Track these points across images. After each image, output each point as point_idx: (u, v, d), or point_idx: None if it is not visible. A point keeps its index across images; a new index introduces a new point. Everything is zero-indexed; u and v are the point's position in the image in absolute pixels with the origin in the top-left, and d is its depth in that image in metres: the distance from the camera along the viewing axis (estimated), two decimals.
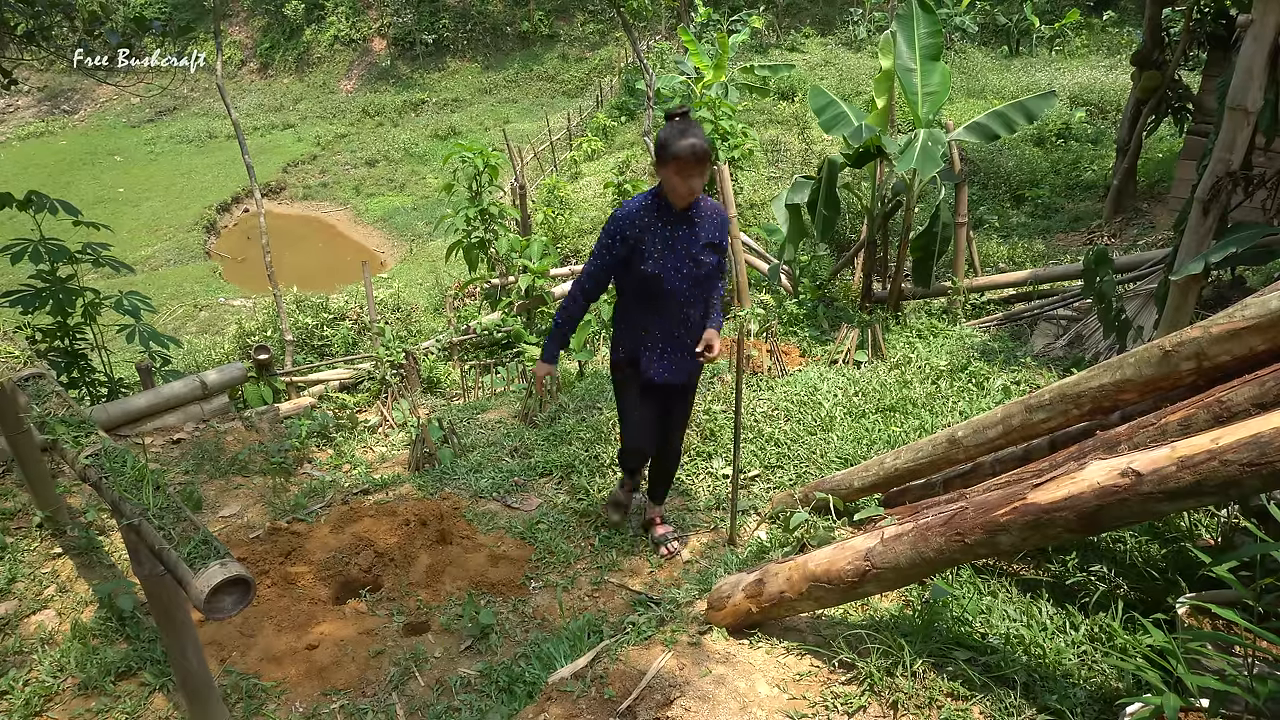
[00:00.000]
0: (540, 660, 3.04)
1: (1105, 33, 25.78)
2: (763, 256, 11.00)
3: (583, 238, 16.72)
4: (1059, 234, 11.45)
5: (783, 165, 17.66)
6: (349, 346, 10.29)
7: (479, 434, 5.88)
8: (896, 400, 5.03)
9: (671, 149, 2.94)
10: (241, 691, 3.07)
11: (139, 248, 23.06)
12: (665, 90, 20.06)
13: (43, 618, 3.44)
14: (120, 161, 30.38)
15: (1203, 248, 4.08)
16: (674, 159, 2.95)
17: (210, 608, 2.02)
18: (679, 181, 2.97)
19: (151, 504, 2.30)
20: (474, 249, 10.02)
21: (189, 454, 5.10)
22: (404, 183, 27.77)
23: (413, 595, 3.71)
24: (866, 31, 28.10)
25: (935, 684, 2.34)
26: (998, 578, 3.13)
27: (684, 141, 2.90)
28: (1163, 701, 1.82)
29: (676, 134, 2.94)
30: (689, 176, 2.95)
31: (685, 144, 2.89)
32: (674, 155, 2.94)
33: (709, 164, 2.91)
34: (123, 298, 6.02)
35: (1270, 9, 3.72)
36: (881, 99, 7.10)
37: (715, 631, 2.75)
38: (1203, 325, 2.54)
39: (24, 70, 29.26)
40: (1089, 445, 2.82)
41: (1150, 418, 2.57)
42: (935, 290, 7.52)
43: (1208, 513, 3.20)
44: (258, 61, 37.61)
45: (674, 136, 2.94)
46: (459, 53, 36.08)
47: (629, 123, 24.68)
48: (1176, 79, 10.11)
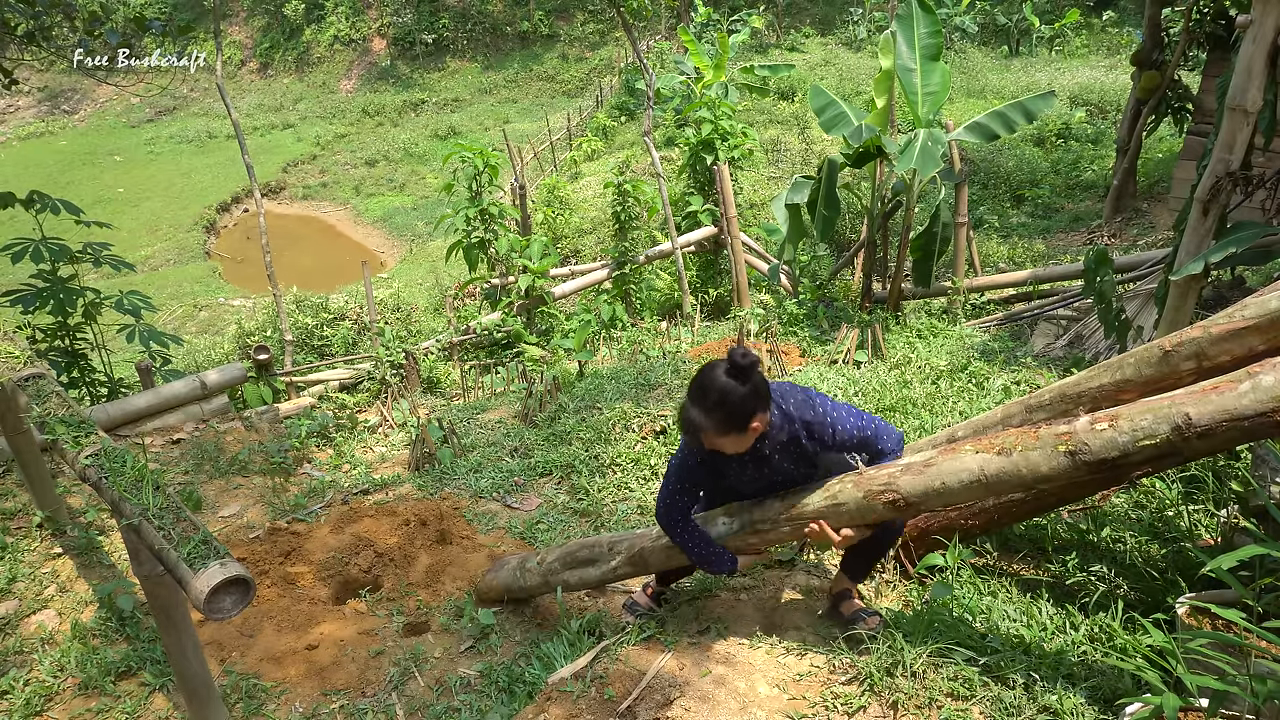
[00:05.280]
0: (540, 660, 3.04)
1: (1105, 33, 25.80)
2: (763, 256, 11.01)
3: (583, 238, 16.71)
4: (1059, 234, 11.46)
5: (783, 165, 17.65)
6: (349, 346, 10.29)
7: (479, 434, 5.88)
8: (896, 400, 5.03)
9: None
10: (241, 691, 3.07)
11: (139, 248, 23.05)
12: (665, 90, 20.07)
13: (43, 618, 3.44)
14: (120, 161, 30.38)
15: (1202, 248, 4.08)
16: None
17: (210, 608, 2.02)
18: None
19: (151, 504, 2.30)
20: (474, 249, 10.02)
21: (189, 454, 5.10)
22: (404, 183, 27.77)
23: (413, 595, 3.71)
24: (866, 31, 28.10)
25: (935, 684, 2.34)
26: (998, 578, 3.13)
27: (684, 410, 2.44)
28: (1162, 701, 1.83)
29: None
30: (702, 438, 2.44)
31: (683, 413, 2.43)
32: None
33: (713, 430, 2.37)
34: (123, 297, 6.02)
35: (1269, 9, 3.72)
36: (881, 99, 7.10)
37: (715, 631, 2.75)
38: (1203, 325, 2.55)
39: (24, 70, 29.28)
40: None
41: None
42: (935, 290, 7.52)
43: (1208, 513, 3.20)
44: (257, 61, 37.61)
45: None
46: (459, 53, 36.07)
47: (629, 123, 24.66)
48: (1176, 79, 10.12)
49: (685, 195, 11.46)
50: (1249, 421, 1.93)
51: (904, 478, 2.35)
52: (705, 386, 2.36)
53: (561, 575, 3.22)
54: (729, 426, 2.35)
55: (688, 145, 11.60)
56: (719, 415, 2.34)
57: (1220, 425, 1.96)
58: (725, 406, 2.33)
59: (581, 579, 3.17)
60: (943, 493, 2.30)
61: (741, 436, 2.39)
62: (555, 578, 3.24)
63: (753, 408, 2.35)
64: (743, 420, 2.34)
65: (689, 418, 2.38)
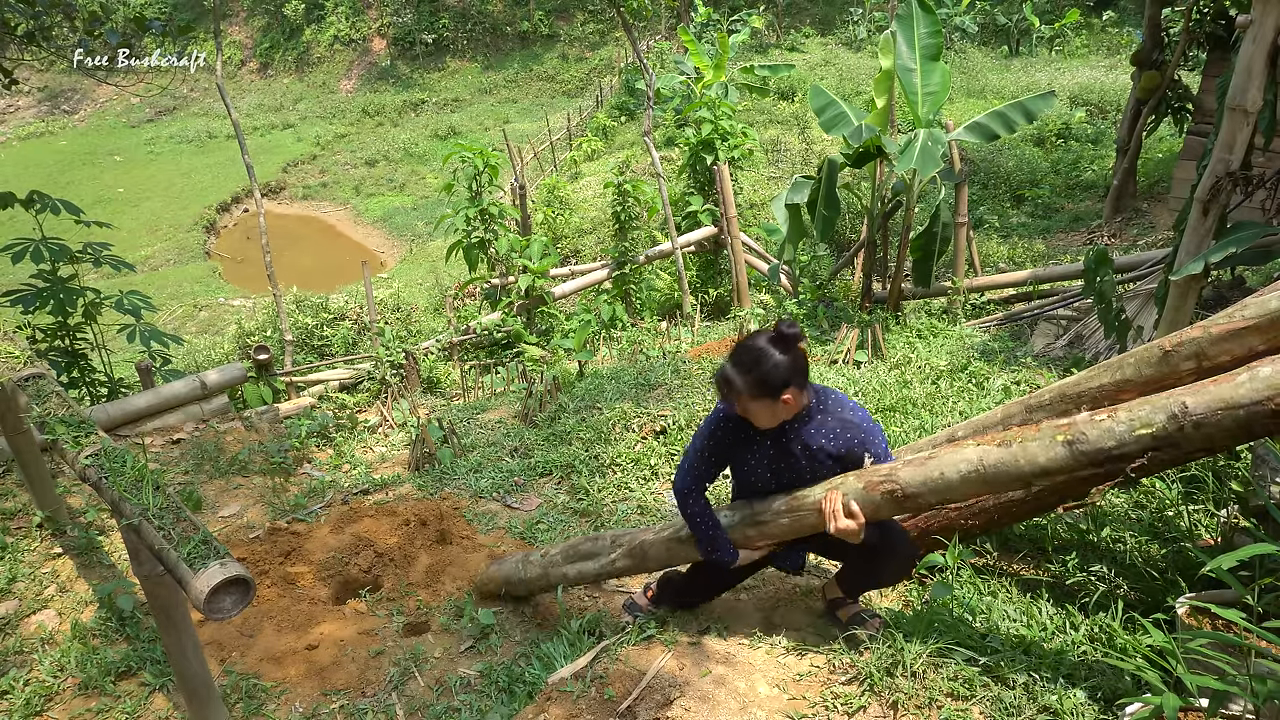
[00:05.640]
0: (540, 660, 3.04)
1: (1105, 33, 25.81)
2: (763, 256, 11.01)
3: (583, 238, 16.71)
4: (1059, 234, 11.46)
5: (783, 165, 17.66)
6: (349, 346, 10.29)
7: (479, 434, 5.88)
8: (896, 400, 5.03)
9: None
10: (241, 691, 3.07)
11: (139, 248, 23.06)
12: (665, 90, 20.07)
13: (43, 618, 3.44)
14: (120, 161, 30.39)
15: (1202, 248, 4.08)
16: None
17: (210, 608, 2.02)
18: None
19: (151, 504, 2.30)
20: (474, 249, 10.03)
21: (189, 454, 5.10)
22: (404, 183, 27.77)
23: (412, 595, 3.71)
24: (866, 31, 28.10)
25: (935, 684, 2.34)
26: (998, 578, 3.13)
27: (721, 369, 2.46)
28: (1162, 701, 1.82)
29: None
30: (736, 402, 2.46)
31: (719, 373, 2.46)
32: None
33: (746, 392, 2.38)
34: (123, 297, 6.02)
35: (1269, 9, 3.72)
36: (881, 99, 7.10)
37: (715, 631, 2.75)
38: (1203, 325, 2.54)
39: (24, 70, 29.28)
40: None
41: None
42: (935, 290, 7.52)
43: (1208, 513, 3.20)
44: (257, 61, 37.62)
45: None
46: (459, 53, 36.08)
47: (629, 123, 24.66)
48: (1176, 79, 10.12)
49: (685, 195, 11.46)
50: (1244, 410, 1.94)
51: (904, 470, 2.36)
52: (746, 347, 2.41)
53: (562, 568, 3.23)
54: (763, 390, 2.36)
55: (688, 145, 11.61)
56: (754, 377, 2.36)
57: (1216, 414, 1.96)
58: (761, 368, 2.35)
59: (580, 572, 3.18)
60: (941, 484, 2.30)
61: (773, 406, 2.40)
62: (555, 570, 3.25)
63: (788, 377, 2.36)
64: (776, 387, 2.36)
65: (724, 375, 2.42)
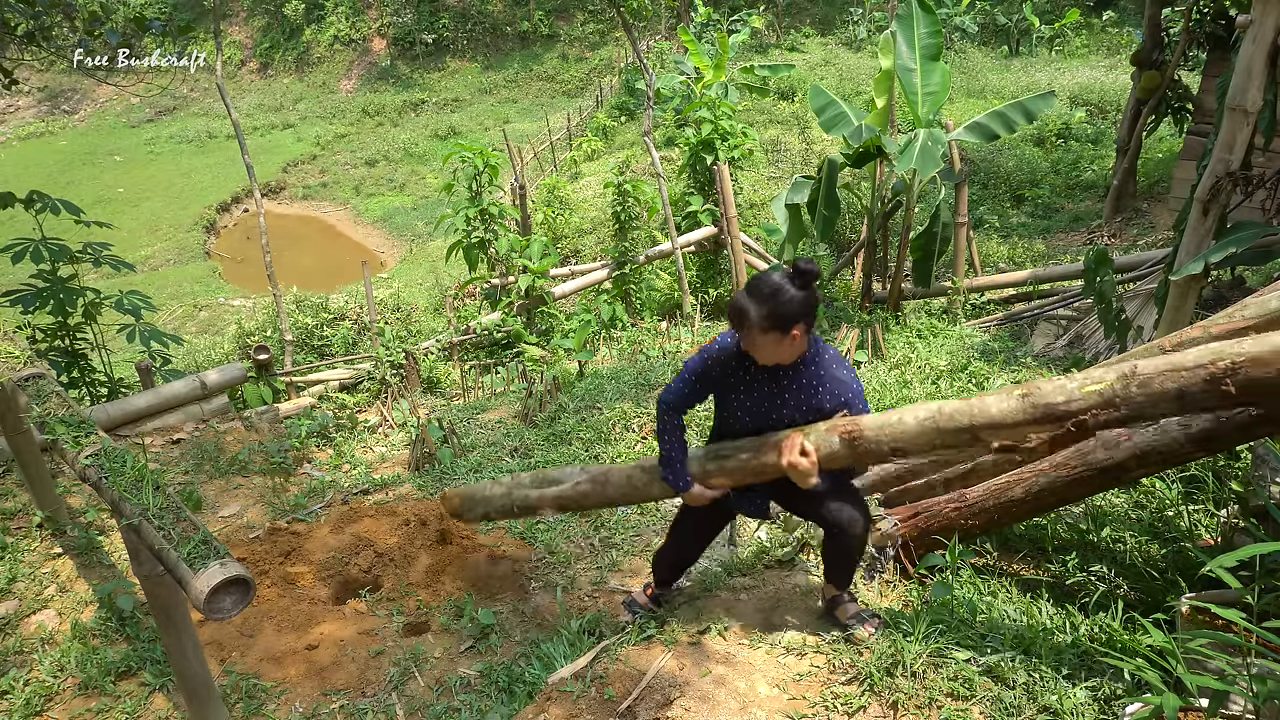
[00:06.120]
0: (540, 660, 3.04)
1: (1105, 33, 25.80)
2: (763, 256, 11.01)
3: (583, 238, 16.71)
4: (1059, 234, 11.46)
5: (783, 165, 17.65)
6: (349, 346, 10.29)
7: (479, 434, 5.88)
8: (896, 400, 5.03)
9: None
10: (241, 691, 3.07)
11: (139, 248, 23.04)
12: (665, 90, 20.07)
13: (43, 618, 3.44)
14: (120, 161, 30.38)
15: (1203, 248, 4.09)
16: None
17: (210, 608, 2.02)
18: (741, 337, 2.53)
19: (151, 504, 2.30)
20: (474, 249, 10.02)
21: (189, 454, 5.10)
22: (404, 183, 27.76)
23: (412, 595, 3.71)
24: (866, 31, 28.10)
25: (935, 684, 2.34)
26: (998, 578, 3.13)
27: (734, 299, 2.47)
28: (1162, 701, 1.83)
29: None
30: (740, 333, 2.47)
31: (732, 302, 2.47)
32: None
33: (757, 324, 2.38)
34: (123, 297, 6.02)
35: (1269, 9, 3.72)
36: (881, 99, 7.10)
37: (715, 631, 2.75)
38: (1203, 325, 2.55)
39: (24, 70, 29.28)
40: (1088, 446, 2.82)
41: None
42: (935, 290, 7.52)
43: (1208, 513, 3.20)
44: (257, 61, 37.60)
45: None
46: (459, 53, 36.07)
47: (629, 123, 24.66)
48: (1176, 79, 10.12)
49: (685, 195, 11.45)
50: (1187, 372, 2.02)
51: (866, 417, 2.46)
52: (763, 279, 2.44)
53: (526, 489, 3.32)
54: (773, 323, 2.37)
55: (688, 145, 11.60)
56: (767, 308, 2.37)
57: (1161, 375, 2.05)
58: (775, 300, 2.36)
59: (541, 496, 3.26)
60: (898, 430, 2.37)
61: (780, 341, 2.41)
62: (519, 490, 3.34)
63: (799, 313, 2.37)
64: (787, 321, 2.36)
65: (738, 305, 2.43)
